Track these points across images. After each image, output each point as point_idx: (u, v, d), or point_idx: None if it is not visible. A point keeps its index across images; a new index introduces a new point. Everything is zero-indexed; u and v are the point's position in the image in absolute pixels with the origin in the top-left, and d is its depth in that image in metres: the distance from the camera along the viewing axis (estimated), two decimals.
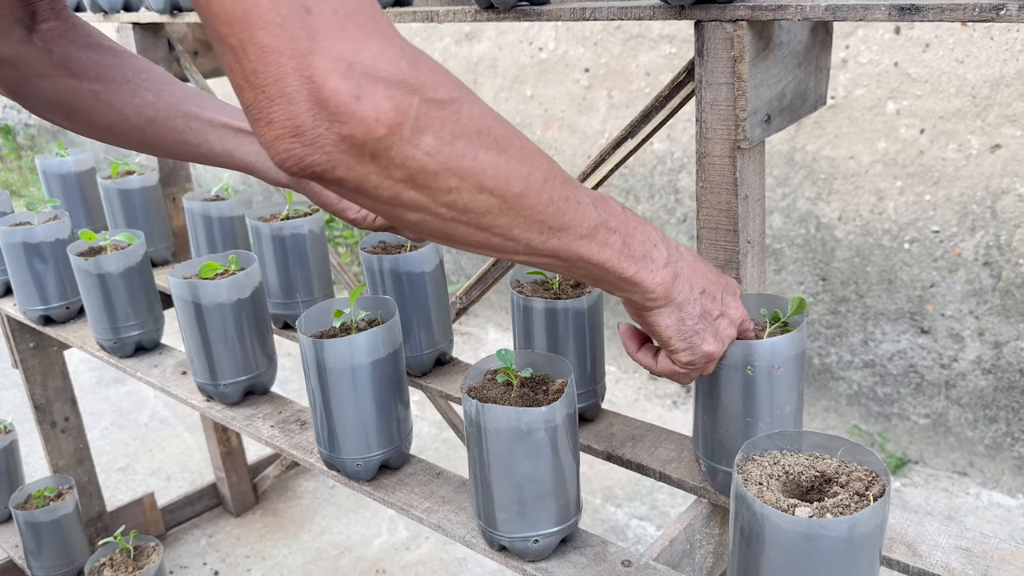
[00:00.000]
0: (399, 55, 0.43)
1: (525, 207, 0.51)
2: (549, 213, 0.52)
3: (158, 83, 0.78)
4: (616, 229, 0.58)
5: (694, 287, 0.65)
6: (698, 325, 0.66)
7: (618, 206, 0.60)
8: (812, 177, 2.01)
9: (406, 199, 0.46)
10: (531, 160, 0.50)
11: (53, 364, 1.66)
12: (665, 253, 0.62)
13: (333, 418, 0.90)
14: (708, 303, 0.66)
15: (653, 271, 0.61)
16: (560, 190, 0.52)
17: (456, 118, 0.45)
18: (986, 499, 1.91)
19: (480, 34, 2.56)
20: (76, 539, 1.53)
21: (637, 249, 0.59)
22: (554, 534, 0.77)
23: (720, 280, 0.68)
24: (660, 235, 0.64)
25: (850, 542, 0.56)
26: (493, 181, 0.48)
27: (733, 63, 0.80)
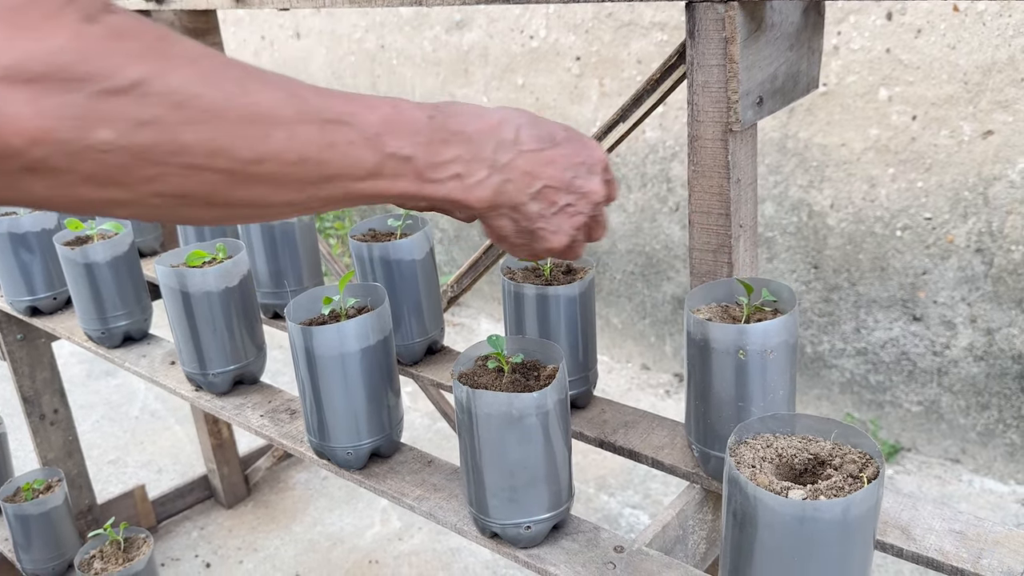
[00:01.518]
0: (62, 47, 0.37)
1: (264, 173, 0.44)
2: (304, 170, 0.46)
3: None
4: (411, 156, 0.52)
5: (532, 185, 0.60)
6: (535, 224, 0.61)
7: (420, 117, 0.53)
8: (804, 165, 2.00)
9: (99, 200, 0.41)
10: (267, 118, 0.44)
11: (41, 356, 1.64)
12: (488, 163, 0.57)
13: (323, 406, 0.89)
14: (551, 195, 0.61)
15: (468, 188, 0.56)
16: (318, 137, 0.46)
17: (143, 100, 0.39)
18: (978, 486, 1.91)
19: (471, 22, 2.54)
20: (66, 532, 1.52)
21: (445, 169, 0.54)
22: (546, 520, 0.76)
23: (573, 162, 0.62)
24: (491, 128, 0.57)
25: (844, 524, 0.55)
26: (207, 157, 0.42)
27: (725, 44, 0.79)
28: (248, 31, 3.33)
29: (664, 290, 2.38)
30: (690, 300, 0.80)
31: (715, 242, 0.86)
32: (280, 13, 3.14)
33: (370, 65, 2.92)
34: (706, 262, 0.88)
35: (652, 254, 2.37)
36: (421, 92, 2.78)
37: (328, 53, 3.05)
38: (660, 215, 2.31)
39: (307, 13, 3.04)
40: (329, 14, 2.96)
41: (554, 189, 0.61)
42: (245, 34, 3.35)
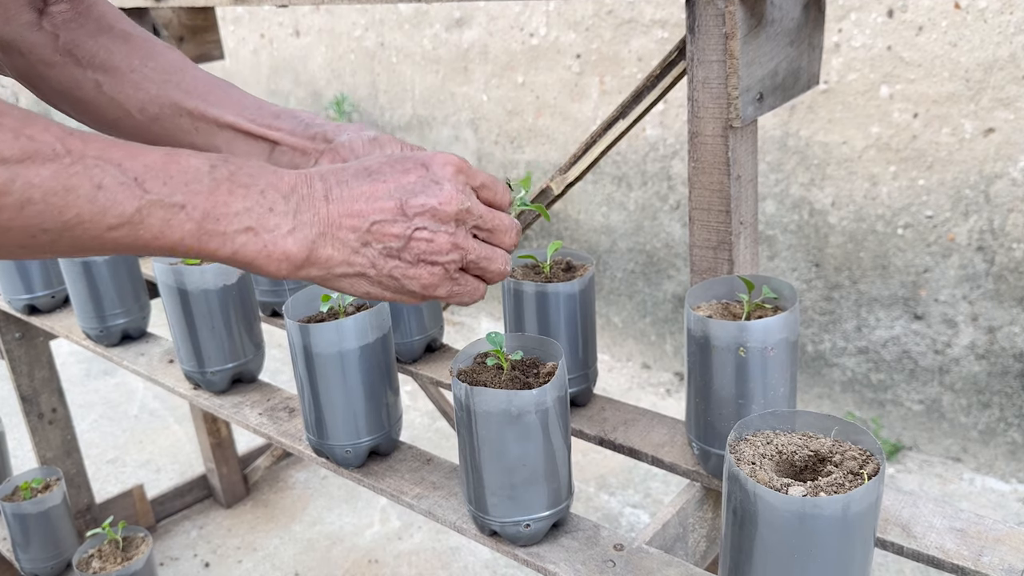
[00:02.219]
0: None
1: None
2: (31, 215, 0.42)
3: (166, 72, 0.69)
4: (184, 204, 0.46)
5: (357, 229, 0.51)
6: (388, 266, 0.52)
7: (202, 164, 0.48)
8: (805, 163, 2.00)
9: None
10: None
11: (39, 355, 1.64)
12: (290, 216, 0.50)
13: (321, 404, 0.88)
14: (388, 229, 0.51)
15: (267, 244, 0.49)
16: (53, 181, 0.42)
17: None
18: (980, 484, 1.91)
19: (471, 20, 2.54)
20: (64, 531, 1.51)
21: (232, 221, 0.48)
22: (545, 518, 0.76)
23: (400, 184, 0.52)
24: (290, 185, 0.50)
25: (844, 521, 0.55)
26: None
27: (725, 40, 0.78)
28: (247, 29, 3.33)
29: (665, 288, 2.38)
30: (690, 297, 0.80)
31: (715, 239, 0.86)
32: (279, 11, 3.14)
33: (369, 63, 2.91)
34: (706, 259, 0.87)
35: (653, 252, 2.36)
36: (421, 90, 2.78)
37: (327, 51, 3.05)
38: (661, 213, 2.31)
39: (306, 11, 3.03)
40: (328, 12, 2.95)
41: (387, 222, 0.51)
42: (244, 32, 3.35)
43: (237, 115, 0.68)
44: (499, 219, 0.56)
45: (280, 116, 0.68)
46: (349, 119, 3.07)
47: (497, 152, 2.64)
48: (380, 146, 0.65)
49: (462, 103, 2.67)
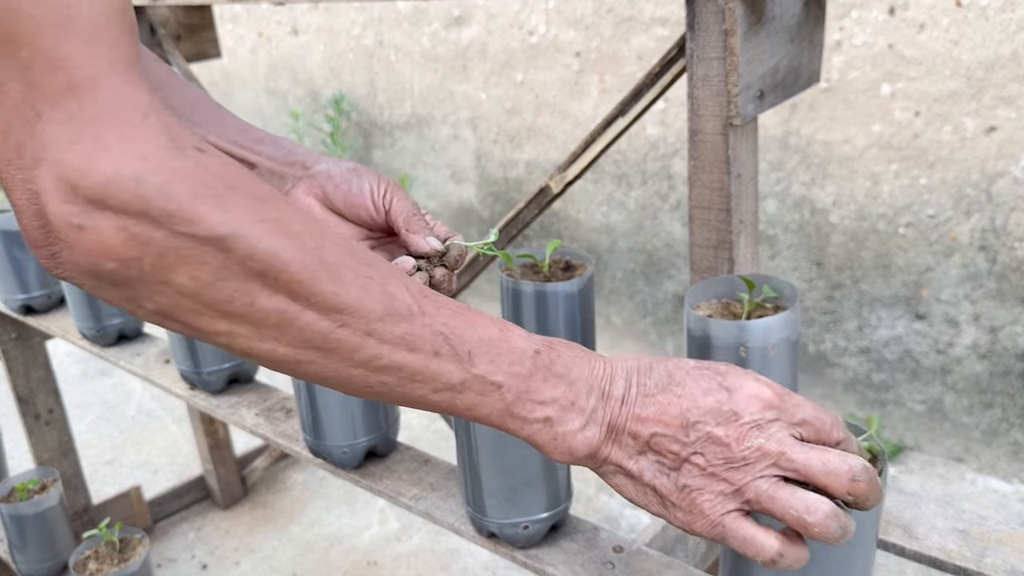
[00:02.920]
0: (144, 175, 0.36)
1: (332, 360, 0.44)
2: (376, 367, 0.45)
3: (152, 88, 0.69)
4: (502, 384, 0.48)
5: (638, 437, 0.49)
6: (656, 481, 0.49)
7: (528, 347, 0.49)
8: (806, 162, 1.99)
9: (174, 328, 0.41)
10: (349, 308, 0.43)
11: (36, 355, 1.63)
12: (587, 413, 0.49)
13: (318, 404, 0.88)
14: (666, 445, 0.48)
15: (557, 437, 0.49)
16: (401, 340, 0.45)
17: (224, 257, 0.38)
18: (982, 485, 1.90)
19: (470, 18, 2.53)
20: (61, 532, 1.51)
21: (536, 410, 0.49)
22: (544, 520, 0.75)
23: (699, 402, 0.48)
24: (598, 378, 0.50)
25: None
26: (277, 331, 0.41)
27: (725, 37, 0.78)
28: (245, 27, 3.32)
29: (665, 288, 2.37)
30: (690, 296, 0.79)
31: (715, 238, 0.85)
32: (278, 9, 3.13)
33: (368, 62, 2.91)
34: (706, 258, 0.86)
35: (653, 252, 2.36)
36: (420, 88, 2.77)
37: (326, 50, 3.04)
38: (661, 212, 2.30)
39: (305, 9, 3.03)
40: (327, 10, 2.95)
41: (667, 438, 0.48)
42: (242, 31, 3.34)
43: (219, 135, 0.68)
44: (828, 462, 0.46)
45: (262, 141, 0.67)
46: (348, 118, 3.06)
47: (496, 151, 2.63)
48: (359, 176, 0.64)
49: (461, 102, 2.66)
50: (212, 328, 0.40)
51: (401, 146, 2.94)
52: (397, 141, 2.95)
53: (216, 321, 0.40)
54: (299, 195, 0.64)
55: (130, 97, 0.37)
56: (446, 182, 2.84)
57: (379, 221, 0.64)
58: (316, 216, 0.65)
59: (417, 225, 0.62)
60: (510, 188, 2.65)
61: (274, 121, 3.38)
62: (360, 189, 0.64)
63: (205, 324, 0.40)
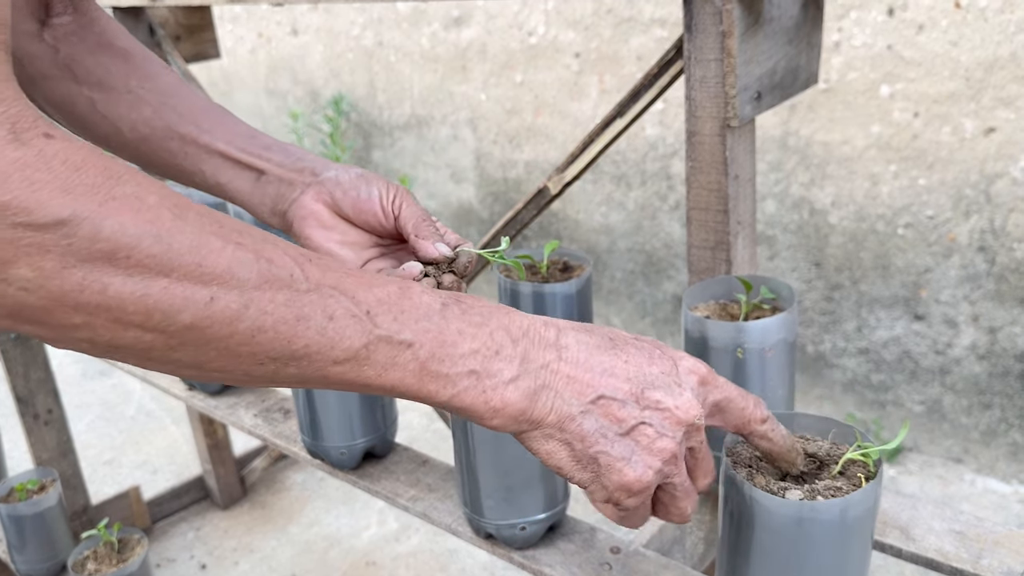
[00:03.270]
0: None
1: (210, 339, 0.39)
2: (261, 343, 0.40)
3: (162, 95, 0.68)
4: (412, 342, 0.44)
5: (581, 395, 0.47)
6: (596, 447, 0.47)
7: (433, 301, 0.46)
8: (805, 162, 1.99)
9: (28, 331, 0.38)
10: (219, 279, 0.39)
11: (35, 355, 1.63)
12: (516, 361, 0.46)
13: (316, 405, 0.88)
14: (614, 410, 0.47)
15: (487, 390, 0.45)
16: (284, 308, 0.41)
17: (68, 243, 0.35)
18: (981, 486, 1.90)
19: (469, 19, 2.53)
20: (60, 533, 1.51)
21: (457, 363, 0.45)
22: (541, 521, 0.75)
23: (643, 371, 0.48)
24: (520, 329, 0.47)
25: (842, 525, 0.54)
26: (139, 315, 0.37)
27: (722, 38, 0.78)
28: (245, 28, 3.32)
29: (665, 289, 2.37)
30: (688, 297, 0.79)
31: (713, 239, 0.85)
32: (277, 10, 3.13)
33: (368, 62, 2.91)
34: (704, 259, 0.86)
35: (652, 252, 2.36)
36: (419, 89, 2.77)
37: (325, 50, 3.04)
38: (660, 213, 2.30)
39: (304, 9, 3.03)
40: (326, 10, 2.95)
41: (617, 402, 0.47)
42: (242, 31, 3.34)
43: (228, 143, 0.67)
44: (708, 459, 0.51)
45: (271, 148, 0.67)
46: (347, 118, 3.06)
47: (496, 151, 2.63)
48: (368, 182, 0.64)
49: (461, 102, 2.66)
50: (68, 322, 0.37)
51: (401, 146, 2.94)
52: (397, 141, 2.95)
53: (70, 314, 0.37)
54: (308, 201, 0.64)
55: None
56: (446, 182, 2.84)
57: (388, 227, 0.64)
58: (325, 223, 0.64)
59: (427, 231, 0.62)
60: (509, 188, 2.65)
61: (274, 121, 3.38)
62: (369, 195, 0.63)
63: (59, 319, 0.37)
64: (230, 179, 0.68)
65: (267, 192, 0.66)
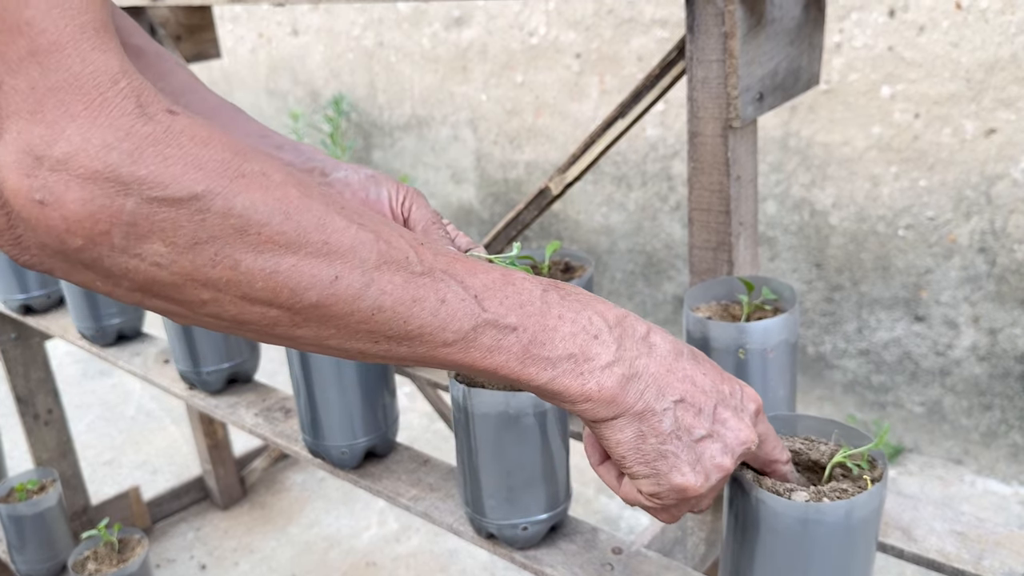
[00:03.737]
0: (114, 143, 0.34)
1: (332, 317, 0.40)
2: (379, 322, 0.41)
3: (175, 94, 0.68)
4: (516, 326, 0.45)
5: (665, 393, 0.48)
6: (667, 446, 0.48)
7: (534, 287, 0.47)
8: (806, 163, 1.99)
9: (157, 307, 0.38)
10: (343, 258, 0.40)
11: (35, 355, 1.63)
12: (613, 347, 0.47)
13: (317, 404, 0.87)
14: (689, 417, 0.48)
15: (584, 373, 0.46)
16: (402, 289, 0.41)
17: (201, 218, 0.36)
18: (981, 487, 1.90)
19: (470, 19, 2.53)
20: (60, 533, 1.50)
21: (558, 347, 0.46)
22: (543, 521, 0.75)
23: (718, 387, 0.50)
24: (616, 317, 0.48)
25: (847, 527, 0.54)
26: (267, 292, 0.38)
27: (724, 39, 0.78)
28: (245, 28, 3.32)
29: (665, 289, 2.37)
30: (689, 298, 0.79)
31: (715, 240, 0.85)
32: (278, 10, 3.13)
33: (368, 62, 2.91)
34: (706, 260, 0.86)
35: (653, 253, 2.36)
36: (420, 89, 2.77)
37: (326, 50, 3.04)
38: (661, 214, 2.30)
39: (305, 10, 3.03)
40: (327, 10, 2.95)
41: (693, 409, 0.48)
42: (242, 31, 3.34)
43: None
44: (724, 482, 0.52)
45: (283, 147, 0.67)
46: (348, 118, 3.06)
47: (496, 152, 2.63)
48: (377, 184, 0.64)
49: (461, 102, 2.66)
50: (196, 298, 0.37)
51: (401, 147, 2.94)
52: (397, 142, 2.95)
53: (199, 290, 0.37)
54: None
55: (99, 63, 0.35)
56: (446, 183, 2.84)
57: None
58: None
59: (436, 234, 0.61)
60: (510, 189, 2.65)
61: (274, 122, 3.38)
62: (378, 196, 0.63)
63: (188, 295, 0.37)
64: None
65: None
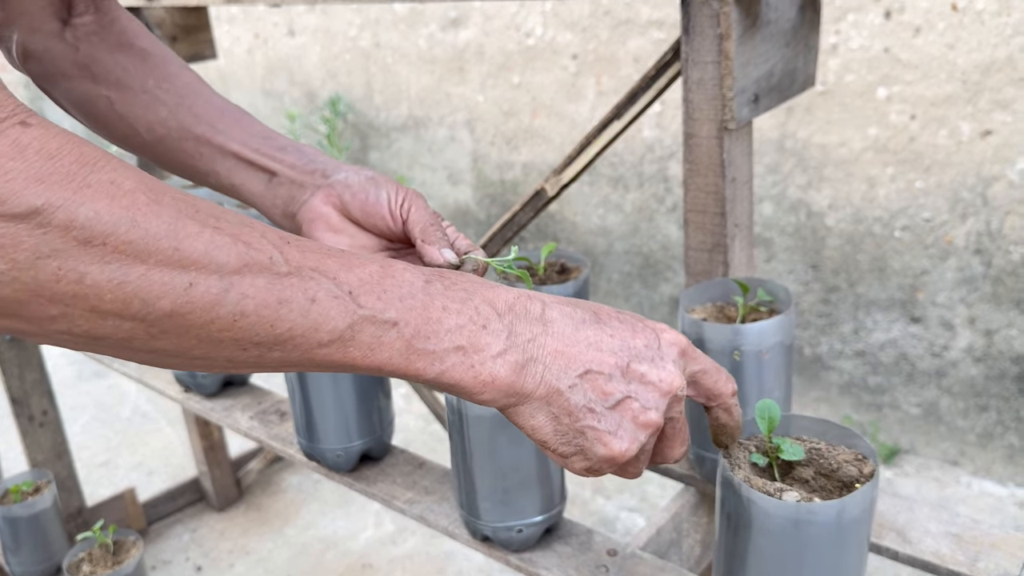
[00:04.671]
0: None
1: (190, 326, 0.39)
2: (243, 327, 0.40)
3: (179, 96, 0.68)
4: (397, 320, 0.43)
5: (568, 369, 0.47)
6: (583, 421, 0.47)
7: (416, 278, 0.45)
8: (803, 164, 1.99)
9: (5, 327, 0.37)
10: (197, 263, 0.38)
11: (30, 357, 1.62)
12: (503, 335, 0.46)
13: (312, 407, 0.87)
14: (600, 385, 0.47)
15: (475, 365, 0.45)
16: (266, 292, 0.40)
17: (42, 232, 0.34)
18: (977, 488, 1.90)
19: (466, 20, 2.53)
20: (55, 535, 1.50)
21: (443, 340, 0.45)
22: (538, 524, 0.75)
23: (628, 344, 0.48)
24: (506, 303, 0.47)
25: (838, 527, 0.54)
26: (117, 303, 0.37)
27: (720, 41, 0.78)
28: (242, 29, 3.32)
29: (661, 291, 2.37)
30: (685, 300, 0.79)
31: (711, 241, 0.85)
32: (274, 10, 3.13)
33: (365, 63, 2.91)
34: (701, 261, 0.86)
35: (649, 254, 2.36)
36: (416, 90, 2.77)
37: (322, 51, 3.04)
38: (657, 215, 2.30)
39: (301, 10, 3.03)
40: (323, 11, 2.95)
41: (603, 376, 0.47)
42: (239, 32, 3.34)
43: (242, 144, 0.67)
44: (685, 428, 0.52)
45: (286, 149, 0.67)
46: (344, 119, 3.06)
47: (493, 153, 2.63)
48: (377, 185, 0.64)
49: (458, 103, 2.66)
50: (44, 314, 0.36)
51: (398, 147, 2.94)
52: (394, 143, 2.95)
53: (46, 306, 0.36)
54: (317, 204, 0.64)
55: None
56: (442, 184, 2.84)
57: (396, 231, 0.63)
58: (334, 225, 0.64)
59: (433, 236, 0.61)
60: (506, 190, 2.65)
61: (270, 123, 3.38)
62: (377, 198, 0.63)
63: (35, 311, 0.36)
64: (243, 181, 0.68)
65: (279, 194, 0.66)
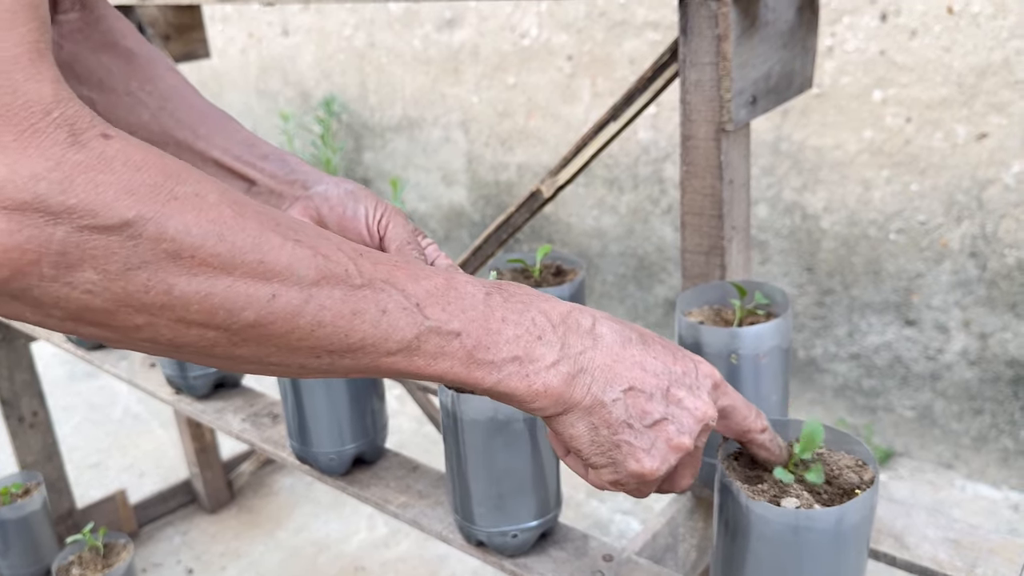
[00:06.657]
0: (43, 173, 0.34)
1: (271, 335, 0.40)
2: (320, 337, 0.42)
3: (162, 99, 0.68)
4: (460, 331, 0.45)
5: (613, 383, 0.49)
6: (620, 435, 0.49)
7: (477, 290, 0.47)
8: (798, 167, 1.99)
9: (91, 334, 0.38)
10: (280, 276, 0.40)
11: (20, 357, 1.61)
12: (557, 346, 0.48)
13: (305, 410, 0.86)
14: (640, 403, 0.49)
15: (530, 375, 0.47)
16: (341, 303, 0.42)
17: (133, 244, 0.36)
18: (971, 491, 1.90)
19: (462, 20, 2.53)
20: (45, 537, 1.49)
21: (502, 350, 0.46)
22: (533, 528, 0.74)
23: (669, 369, 0.51)
24: (560, 315, 0.49)
25: (838, 533, 0.53)
26: (202, 314, 0.38)
27: (717, 42, 0.77)
28: (236, 28, 3.31)
29: (656, 293, 2.37)
30: (682, 302, 0.78)
31: (707, 244, 0.84)
32: (268, 10, 3.11)
33: (359, 63, 2.90)
34: (698, 264, 0.86)
35: (644, 256, 2.35)
36: (411, 90, 2.76)
37: (317, 51, 3.03)
38: (652, 217, 2.30)
39: (295, 10, 3.01)
40: (318, 11, 2.93)
41: (645, 395, 0.49)
42: (233, 31, 3.32)
43: (223, 151, 0.67)
44: (699, 460, 0.53)
45: (267, 157, 0.66)
46: (338, 119, 3.05)
47: (488, 154, 2.63)
48: (356, 200, 0.63)
49: (453, 104, 2.66)
50: (131, 323, 0.37)
51: (392, 148, 2.93)
52: (388, 143, 2.94)
53: (133, 316, 0.37)
54: (295, 215, 0.63)
55: (31, 93, 0.35)
56: (437, 184, 2.83)
57: (374, 246, 0.63)
58: None
59: (410, 255, 0.61)
60: (501, 191, 2.64)
61: (264, 122, 3.36)
62: (355, 213, 0.63)
63: (122, 320, 0.37)
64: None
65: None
